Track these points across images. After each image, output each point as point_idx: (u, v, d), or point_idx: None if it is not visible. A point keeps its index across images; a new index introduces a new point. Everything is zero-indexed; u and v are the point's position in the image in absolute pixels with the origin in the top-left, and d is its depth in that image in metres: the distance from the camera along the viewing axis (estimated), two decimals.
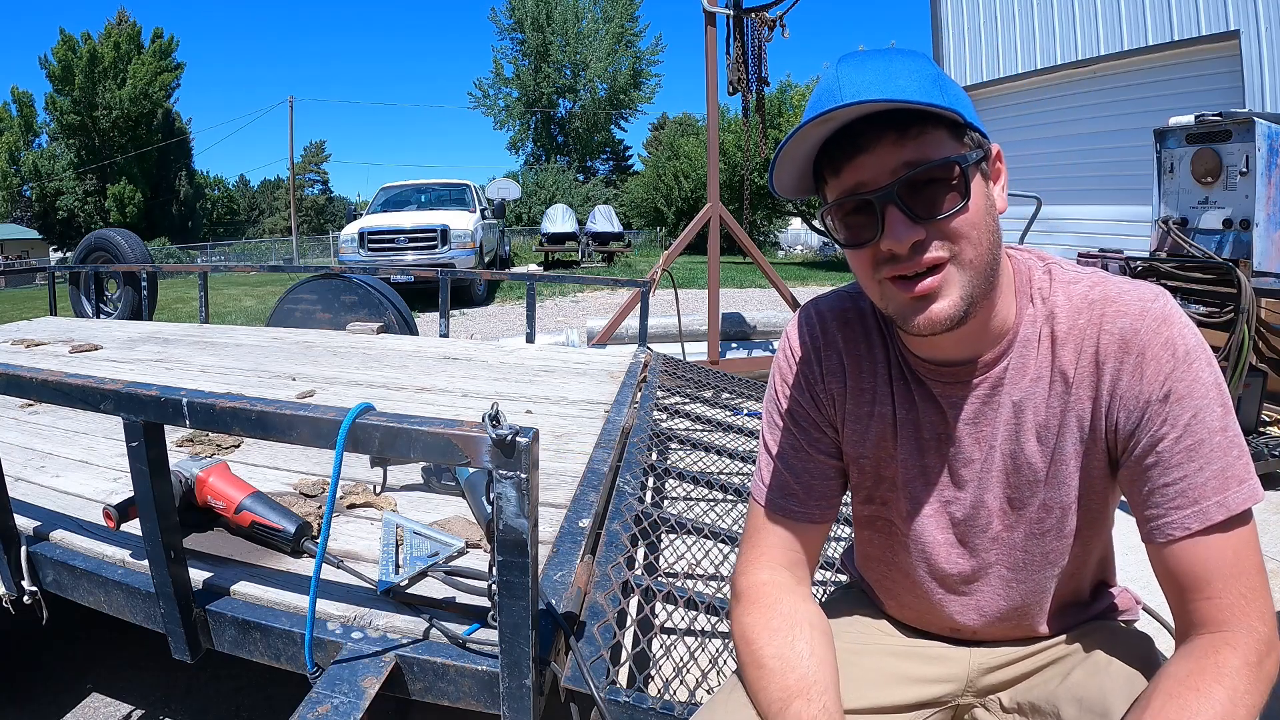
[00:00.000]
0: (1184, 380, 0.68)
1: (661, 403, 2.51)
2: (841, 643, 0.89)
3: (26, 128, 29.27)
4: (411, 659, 0.98)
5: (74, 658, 1.89)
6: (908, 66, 0.67)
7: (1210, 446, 0.68)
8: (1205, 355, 0.70)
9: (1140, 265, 3.53)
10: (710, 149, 4.86)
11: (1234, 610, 0.67)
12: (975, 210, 0.68)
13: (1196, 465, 0.68)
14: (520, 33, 34.91)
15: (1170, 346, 0.69)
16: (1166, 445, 0.69)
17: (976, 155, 0.68)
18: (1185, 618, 0.70)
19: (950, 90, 0.68)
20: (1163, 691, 0.65)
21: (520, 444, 0.78)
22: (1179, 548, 0.69)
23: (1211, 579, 0.68)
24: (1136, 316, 0.70)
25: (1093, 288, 0.74)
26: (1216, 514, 0.67)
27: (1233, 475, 0.68)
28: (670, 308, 5.42)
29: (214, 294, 8.53)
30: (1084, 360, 0.73)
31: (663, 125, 36.30)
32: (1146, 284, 0.73)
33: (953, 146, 0.67)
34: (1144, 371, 0.70)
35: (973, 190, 0.68)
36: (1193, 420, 0.68)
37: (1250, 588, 0.67)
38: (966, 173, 0.67)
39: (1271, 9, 6.45)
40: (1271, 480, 2.92)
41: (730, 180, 17.26)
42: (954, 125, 0.67)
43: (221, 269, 9.91)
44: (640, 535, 1.42)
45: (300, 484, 1.53)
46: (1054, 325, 0.74)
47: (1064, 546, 0.80)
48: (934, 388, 0.79)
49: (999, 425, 0.77)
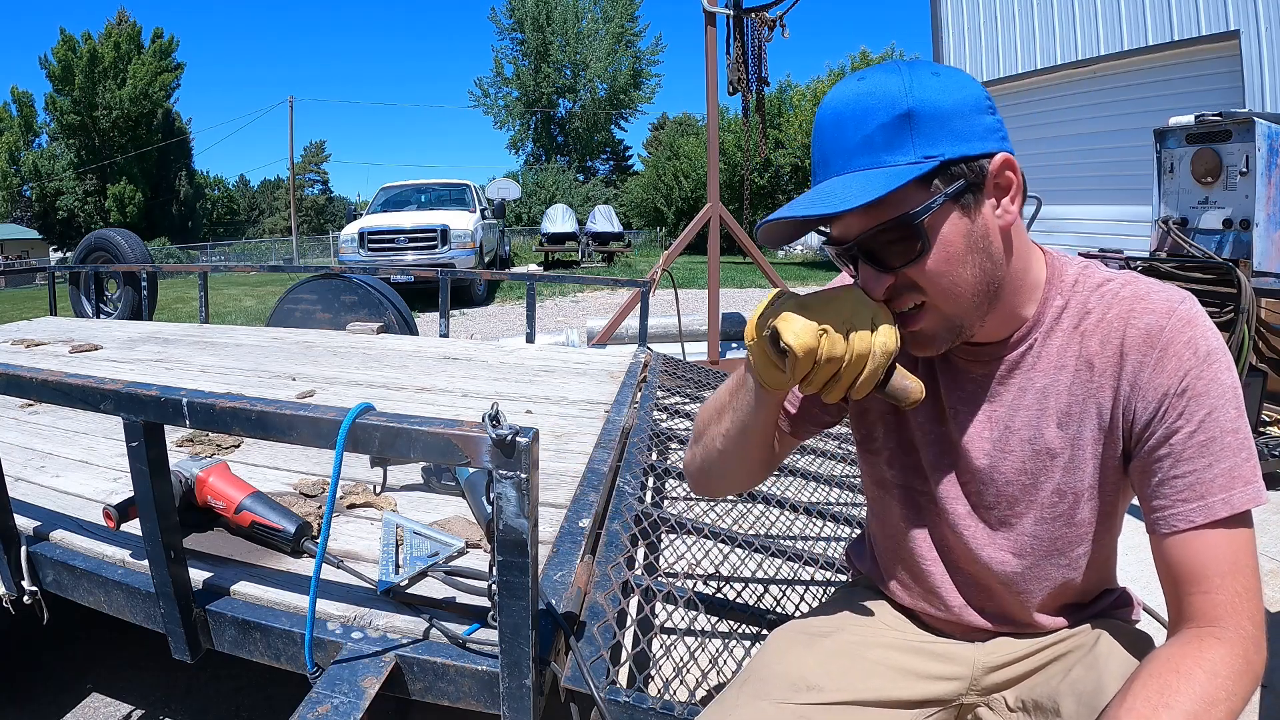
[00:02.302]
0: (1203, 379, 0.71)
1: (661, 403, 2.51)
2: (847, 635, 0.91)
3: (26, 128, 29.27)
4: (411, 659, 0.98)
5: (74, 658, 1.89)
6: (872, 122, 0.70)
7: (1221, 445, 0.70)
8: (1226, 360, 0.73)
9: (1140, 265, 3.53)
10: (710, 149, 4.86)
11: (1227, 608, 0.69)
12: (943, 251, 0.71)
13: (1206, 461, 0.70)
14: (520, 32, 34.91)
15: (1192, 345, 0.72)
16: (1180, 439, 0.71)
17: (951, 191, 0.70)
18: (1179, 611, 0.73)
19: (923, 127, 0.69)
20: (1146, 672, 0.67)
21: (520, 444, 0.78)
22: (1181, 540, 0.71)
23: (1209, 574, 0.70)
24: (1163, 315, 0.73)
25: (1124, 285, 0.77)
26: (1221, 510, 0.69)
27: (1239, 475, 0.70)
28: (670, 308, 5.42)
29: (214, 294, 8.54)
30: (1109, 351, 0.75)
31: (663, 125, 36.29)
32: (1176, 288, 0.77)
33: (918, 197, 0.70)
34: (1165, 365, 0.72)
35: (943, 230, 0.71)
36: (1207, 417, 0.70)
37: (1245, 588, 0.69)
38: (920, 226, 0.70)
39: (1271, 9, 6.45)
40: (1271, 480, 2.92)
41: (730, 180, 17.26)
42: (922, 175, 0.69)
43: (221, 269, 9.90)
44: (640, 535, 1.42)
45: (300, 484, 1.53)
46: (1084, 318, 0.77)
47: (1073, 536, 0.81)
48: (957, 363, 0.83)
49: (1020, 407, 0.80)
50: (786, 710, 0.81)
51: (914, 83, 0.70)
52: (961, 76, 0.73)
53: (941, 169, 0.70)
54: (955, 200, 0.70)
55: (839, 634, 0.90)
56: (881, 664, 0.87)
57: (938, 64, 0.75)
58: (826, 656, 0.87)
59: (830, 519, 1.81)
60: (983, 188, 0.72)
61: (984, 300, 0.75)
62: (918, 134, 0.69)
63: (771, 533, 1.76)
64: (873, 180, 0.69)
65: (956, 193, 0.70)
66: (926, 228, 0.71)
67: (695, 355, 4.71)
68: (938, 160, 0.69)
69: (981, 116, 0.71)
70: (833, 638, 0.90)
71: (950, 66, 0.75)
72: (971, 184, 0.71)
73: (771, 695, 0.83)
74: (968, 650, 0.89)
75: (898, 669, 0.88)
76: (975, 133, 0.71)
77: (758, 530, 1.75)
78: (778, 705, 0.82)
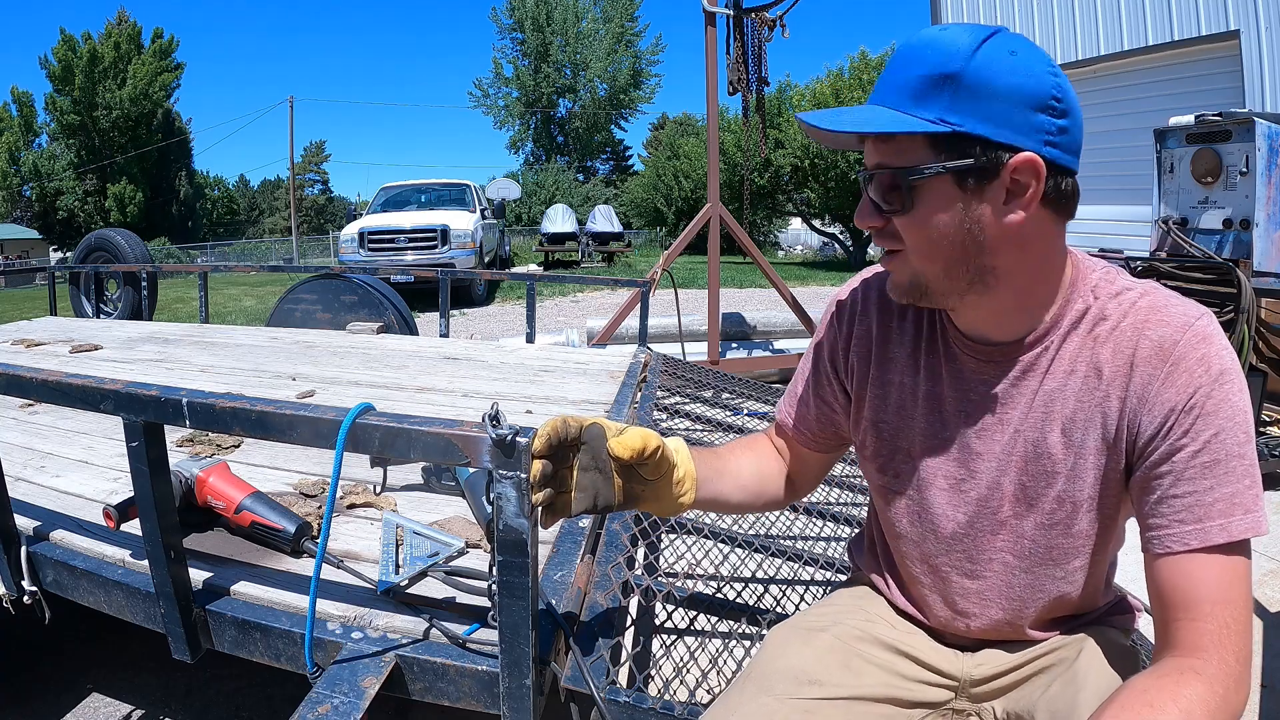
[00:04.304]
0: (1213, 398, 0.69)
1: (661, 403, 2.51)
2: (842, 631, 0.90)
3: (26, 128, 29.24)
4: (411, 659, 0.98)
5: (74, 658, 1.89)
6: (918, 70, 0.69)
7: (1226, 469, 0.68)
8: (1240, 382, 0.70)
9: (1140, 265, 3.53)
10: (710, 149, 4.86)
11: (1213, 638, 0.66)
12: (925, 218, 0.71)
13: (1208, 484, 0.68)
14: (520, 32, 34.92)
15: (1205, 363, 0.70)
16: (1183, 457, 0.69)
17: (954, 166, 0.68)
18: (1163, 636, 0.70)
19: (961, 95, 0.67)
20: (1118, 702, 0.65)
21: (520, 444, 0.78)
22: (1174, 562, 0.69)
23: (1198, 600, 0.67)
24: (1178, 329, 0.71)
25: (1142, 295, 0.75)
26: (1218, 536, 0.67)
27: (1240, 502, 0.68)
28: (670, 308, 5.42)
29: (214, 294, 8.53)
30: (1120, 361, 0.73)
31: (663, 125, 36.31)
32: (1195, 303, 0.75)
33: (925, 156, 0.69)
34: (1174, 381, 0.70)
35: (932, 200, 0.70)
36: (1214, 438, 0.68)
37: (1234, 620, 0.67)
38: (911, 184, 0.70)
39: (1271, 9, 6.45)
40: (1271, 480, 2.92)
41: (730, 180, 17.25)
42: (938, 136, 0.68)
43: (221, 269, 9.90)
44: (640, 535, 1.42)
45: (300, 484, 1.53)
46: (1099, 325, 0.75)
47: (1070, 547, 0.80)
48: (966, 363, 0.81)
49: (1027, 411, 0.78)
50: (791, 705, 0.81)
51: (981, 52, 0.67)
52: (1037, 67, 0.68)
53: (953, 140, 0.68)
54: (956, 176, 0.69)
55: (834, 629, 0.91)
56: (874, 663, 0.88)
57: (1027, 43, 0.70)
58: (823, 652, 0.87)
59: (830, 519, 1.81)
60: (994, 177, 0.68)
61: (960, 278, 0.73)
62: (952, 98, 0.67)
63: (771, 533, 1.76)
64: (880, 118, 0.70)
65: (960, 170, 0.68)
66: (916, 188, 0.70)
67: (695, 355, 4.71)
68: (951, 129, 0.67)
69: (1033, 112, 0.68)
70: (828, 632, 0.90)
71: (1038, 52, 0.70)
72: (980, 168, 0.68)
73: (774, 691, 0.83)
74: (957, 659, 0.89)
75: (890, 670, 0.88)
76: (1012, 122, 0.67)
77: (758, 530, 1.75)
78: (781, 701, 0.82)
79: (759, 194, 19.25)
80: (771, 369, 5.06)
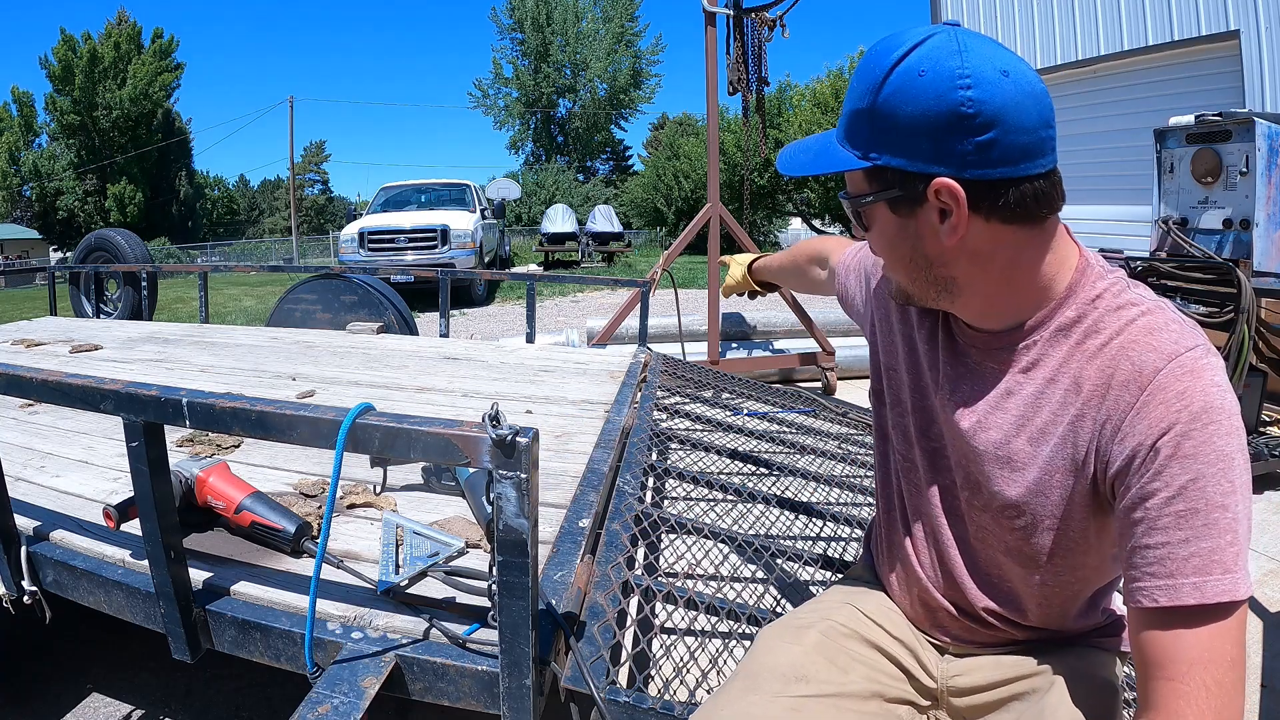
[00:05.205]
0: (1191, 439, 0.63)
1: (661, 403, 2.51)
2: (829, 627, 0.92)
3: (26, 128, 29.24)
4: (411, 659, 0.98)
5: (74, 658, 1.89)
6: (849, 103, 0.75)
7: (1204, 520, 0.62)
8: (1228, 423, 0.63)
9: (1140, 265, 3.53)
10: (710, 149, 4.85)
11: (1192, 701, 0.60)
12: (880, 237, 0.79)
13: (1182, 536, 0.62)
14: (520, 33, 34.91)
15: (1184, 399, 0.64)
16: (1155, 504, 0.64)
17: (885, 196, 0.74)
18: (1142, 694, 0.65)
19: (878, 127, 0.71)
20: None
21: (520, 444, 0.78)
22: (1147, 616, 0.64)
23: (1174, 660, 0.62)
24: (1163, 357, 0.66)
25: (1144, 315, 0.70)
26: (1189, 597, 0.61)
27: (1219, 560, 0.61)
28: (670, 308, 5.42)
29: (214, 294, 8.54)
30: (1099, 380, 0.70)
31: (663, 125, 36.29)
32: (1196, 333, 0.68)
33: (863, 186, 0.76)
34: (1147, 414, 0.65)
35: (878, 223, 0.78)
36: (1190, 485, 0.62)
37: (1215, 682, 0.60)
38: (859, 211, 0.79)
39: (1271, 9, 6.45)
40: (1271, 480, 2.92)
41: (730, 180, 17.25)
42: (868, 169, 0.74)
43: (221, 269, 9.88)
44: (640, 535, 1.42)
45: (300, 484, 1.53)
46: (1090, 337, 0.72)
47: (1031, 556, 0.79)
48: (959, 339, 0.84)
49: (996, 406, 0.78)
50: (778, 703, 0.82)
51: (890, 81, 0.69)
52: (943, 85, 0.65)
53: (877, 172, 0.73)
54: (890, 204, 0.74)
55: (821, 625, 0.92)
56: (859, 660, 0.89)
57: (945, 50, 0.67)
58: (810, 649, 0.88)
59: (830, 519, 1.81)
60: (922, 202, 0.71)
61: (926, 287, 0.78)
62: (870, 132, 0.72)
63: (771, 533, 1.76)
64: (822, 157, 0.78)
65: (890, 199, 0.74)
66: (863, 213, 0.78)
67: (695, 355, 4.71)
68: (871, 163, 0.72)
69: (943, 136, 0.66)
70: (815, 629, 0.91)
71: (948, 64, 0.66)
72: (906, 197, 0.72)
73: (762, 689, 0.83)
74: (939, 662, 0.91)
75: (875, 666, 0.89)
76: (921, 151, 0.68)
77: (758, 530, 1.75)
78: (769, 698, 0.82)
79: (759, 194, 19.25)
80: (771, 369, 5.06)
